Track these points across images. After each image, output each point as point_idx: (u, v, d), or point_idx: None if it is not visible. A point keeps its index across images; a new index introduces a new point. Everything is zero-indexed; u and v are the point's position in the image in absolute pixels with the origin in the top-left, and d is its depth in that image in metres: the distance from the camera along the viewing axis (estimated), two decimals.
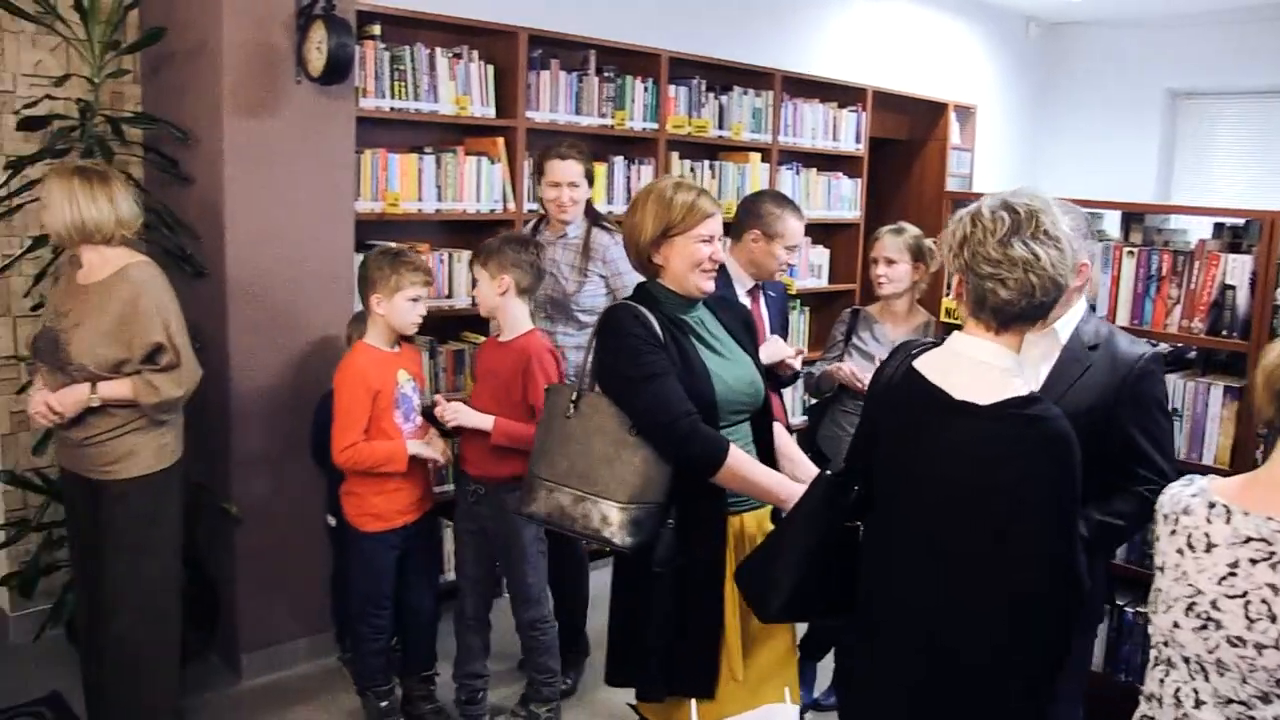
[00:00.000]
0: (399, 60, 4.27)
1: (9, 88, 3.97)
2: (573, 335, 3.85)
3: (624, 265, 3.81)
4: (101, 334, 3.09)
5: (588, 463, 2.56)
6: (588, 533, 2.56)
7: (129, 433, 3.18)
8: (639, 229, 2.63)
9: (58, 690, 3.83)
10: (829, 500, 2.25)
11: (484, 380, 3.49)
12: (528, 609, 3.54)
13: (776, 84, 5.74)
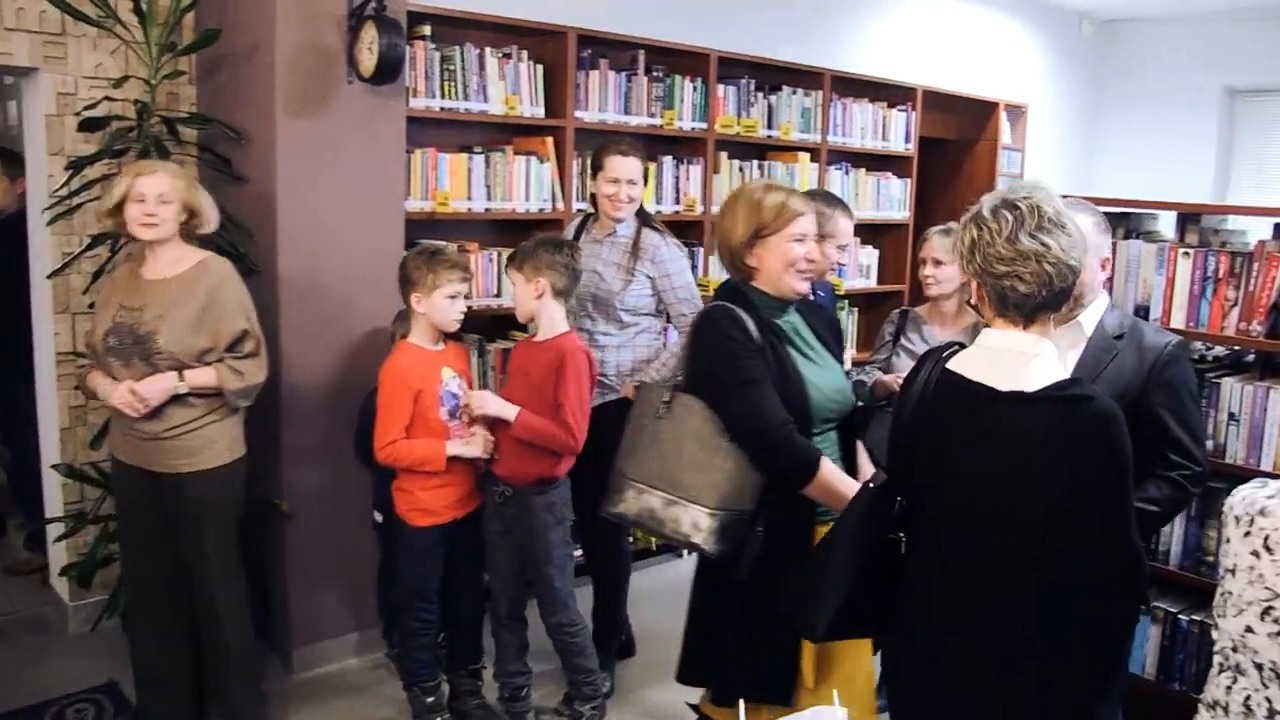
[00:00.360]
0: (449, 60, 4.30)
1: (70, 90, 4.04)
2: (614, 335, 3.85)
3: (673, 267, 3.81)
4: (188, 324, 3.18)
5: (679, 466, 2.56)
6: (677, 537, 2.58)
7: (208, 424, 3.26)
8: (731, 232, 2.62)
9: (114, 679, 3.90)
10: (873, 512, 2.23)
11: (515, 379, 3.49)
12: (554, 612, 3.52)
13: (826, 84, 5.71)
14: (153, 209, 3.15)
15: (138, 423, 3.19)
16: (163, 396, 3.16)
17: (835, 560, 2.23)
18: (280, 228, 3.77)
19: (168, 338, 3.16)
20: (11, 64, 3.95)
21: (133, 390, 3.12)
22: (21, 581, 4.72)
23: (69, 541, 4.15)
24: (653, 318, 3.89)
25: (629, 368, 3.83)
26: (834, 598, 2.21)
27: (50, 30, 3.96)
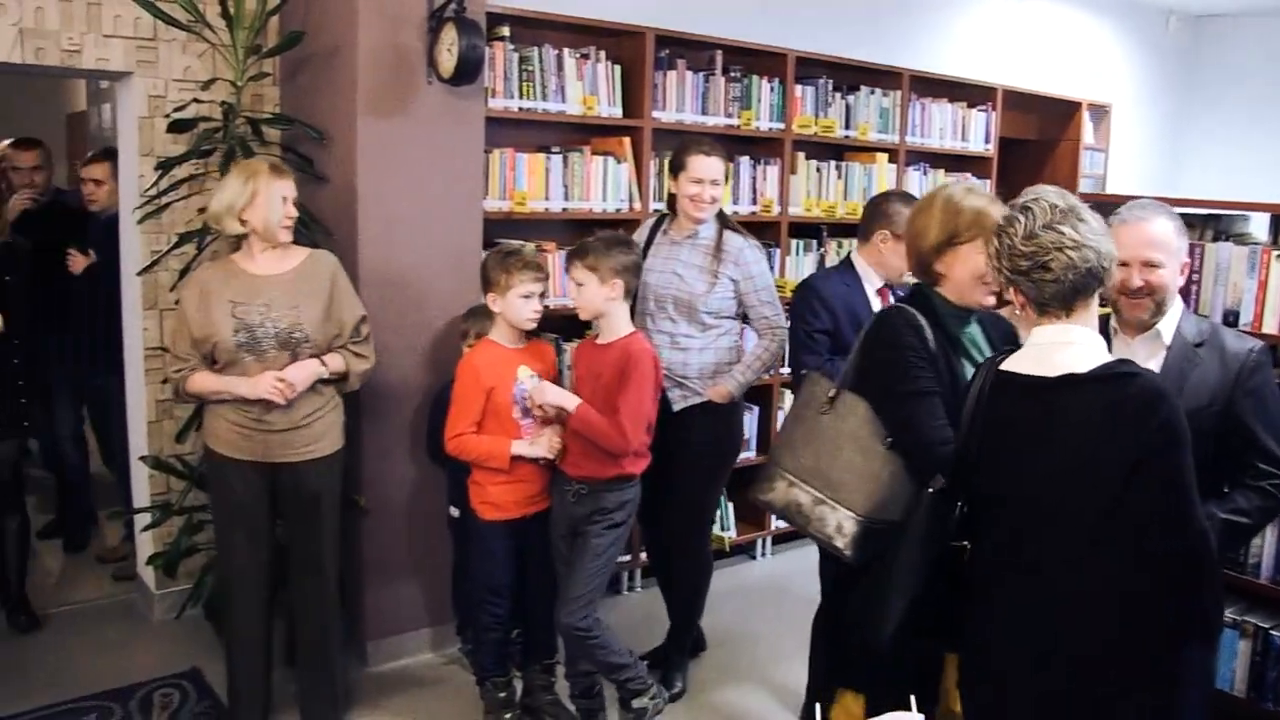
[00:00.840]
0: (527, 61, 4.34)
1: (160, 92, 4.15)
2: (696, 338, 3.81)
3: (756, 269, 3.79)
4: (321, 314, 3.32)
5: (833, 466, 2.54)
6: (819, 536, 2.57)
7: (329, 412, 3.42)
8: (923, 234, 2.56)
9: (197, 666, 4.00)
10: (935, 517, 2.20)
11: (586, 384, 3.43)
12: (571, 613, 3.37)
13: (904, 83, 5.65)
14: (292, 213, 3.31)
15: (268, 415, 3.28)
16: (309, 382, 3.29)
17: (899, 564, 2.22)
18: (360, 227, 3.83)
19: (311, 327, 3.29)
20: (108, 68, 4.07)
21: (280, 378, 3.22)
22: (112, 569, 4.86)
23: (155, 532, 4.26)
24: (733, 320, 3.87)
25: (710, 370, 3.81)
26: (898, 601, 2.20)
27: (143, 36, 4.08)
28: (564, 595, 3.42)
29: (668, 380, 3.75)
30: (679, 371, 3.75)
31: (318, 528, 3.46)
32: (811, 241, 5.39)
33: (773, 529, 5.37)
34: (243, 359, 3.26)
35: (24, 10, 3.83)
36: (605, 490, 3.39)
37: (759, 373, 3.90)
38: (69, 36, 3.94)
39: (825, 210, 5.39)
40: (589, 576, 3.39)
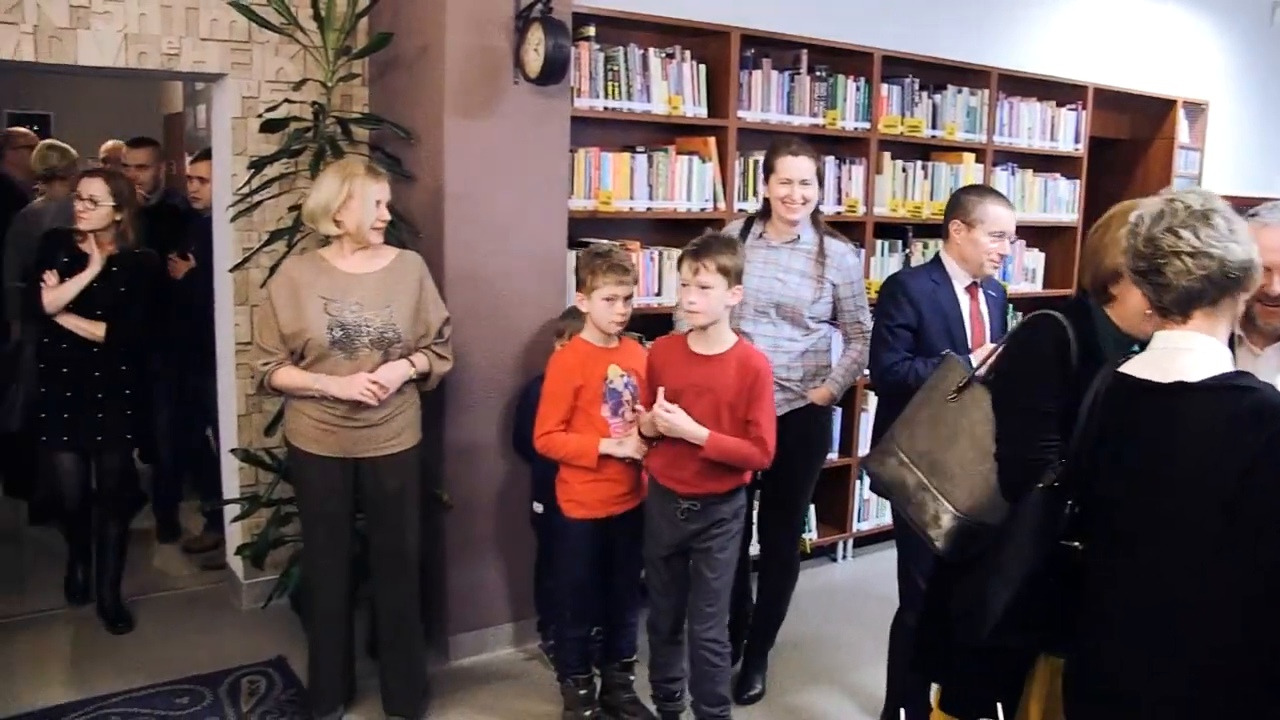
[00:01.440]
0: (613, 60, 4.34)
1: (253, 93, 4.24)
2: (799, 341, 3.77)
3: (855, 274, 3.78)
4: (410, 313, 3.39)
5: (945, 456, 2.53)
6: (915, 521, 2.58)
7: (409, 408, 3.49)
8: (1105, 253, 2.43)
9: (283, 654, 4.09)
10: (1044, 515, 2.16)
11: (694, 396, 3.24)
12: (712, 625, 3.36)
13: (992, 82, 5.56)
14: (385, 215, 3.37)
15: (354, 412, 3.34)
16: (399, 383, 3.36)
17: (1003, 562, 2.17)
18: (447, 226, 3.87)
19: (404, 326, 3.35)
20: (205, 71, 4.18)
21: (374, 380, 3.28)
22: (203, 558, 4.98)
23: (243, 523, 4.36)
24: (829, 324, 3.86)
25: (811, 373, 3.79)
26: (1001, 597, 2.15)
27: (238, 38, 4.17)
28: (703, 611, 3.36)
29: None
30: (782, 375, 3.71)
31: (398, 522, 3.51)
32: (897, 242, 5.32)
33: (854, 531, 5.33)
34: (334, 355, 3.31)
35: (128, 16, 3.95)
36: (720, 503, 3.32)
37: (855, 377, 3.89)
38: (169, 40, 4.04)
39: (911, 210, 5.33)
40: (722, 589, 3.36)
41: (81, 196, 4.04)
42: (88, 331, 4.05)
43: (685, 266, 3.23)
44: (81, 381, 4.10)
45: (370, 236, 3.35)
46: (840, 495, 5.26)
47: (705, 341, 3.28)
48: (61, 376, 4.10)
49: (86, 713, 3.65)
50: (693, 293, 3.19)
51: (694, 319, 3.23)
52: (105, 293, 4.08)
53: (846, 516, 5.27)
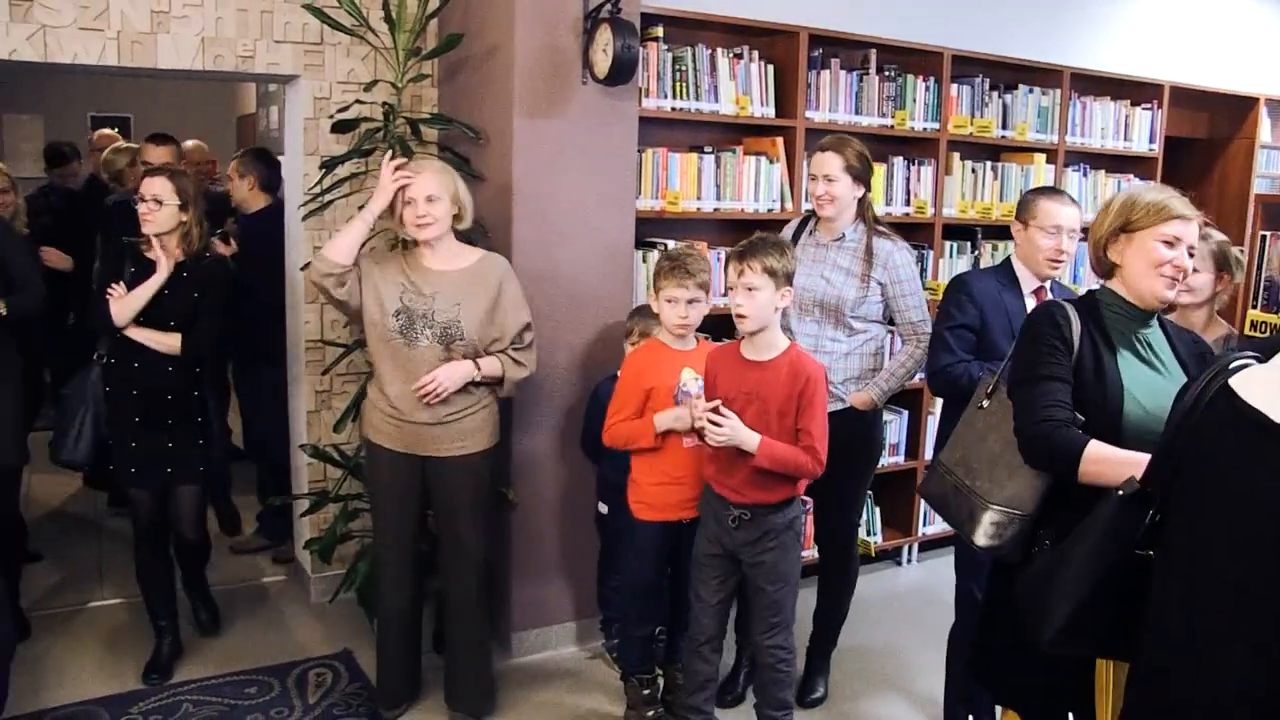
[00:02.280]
0: (680, 61, 4.34)
1: (325, 94, 4.31)
2: (842, 342, 3.73)
3: (905, 273, 3.70)
4: (483, 314, 3.39)
5: (977, 456, 2.56)
6: (956, 524, 2.60)
7: (479, 411, 3.47)
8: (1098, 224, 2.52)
9: (349, 648, 4.15)
10: (1118, 521, 2.10)
11: (744, 403, 3.14)
12: (777, 633, 3.27)
13: (1065, 81, 5.47)
14: (423, 210, 3.33)
15: (420, 410, 3.37)
16: (459, 383, 3.37)
17: (1070, 565, 2.11)
18: (516, 225, 3.89)
19: (469, 326, 3.36)
20: (278, 72, 4.25)
21: (435, 378, 3.32)
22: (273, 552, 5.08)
23: (312, 518, 4.42)
24: (880, 325, 3.80)
25: (854, 375, 3.74)
26: (1065, 604, 2.09)
27: (310, 41, 4.24)
28: (767, 620, 3.27)
29: None
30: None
31: (463, 521, 3.53)
32: (966, 244, 5.26)
33: (920, 535, 5.27)
34: (395, 340, 3.36)
35: (205, 20, 4.04)
36: (772, 513, 3.21)
37: (902, 379, 3.80)
38: (244, 43, 4.12)
39: (980, 212, 5.26)
40: (784, 599, 3.27)
41: (145, 197, 3.72)
42: (162, 343, 3.71)
43: (731, 268, 3.13)
44: (150, 406, 3.77)
45: (415, 234, 3.37)
46: (905, 499, 5.21)
47: (755, 347, 3.18)
48: (130, 400, 3.76)
49: (159, 699, 3.74)
50: (739, 295, 3.09)
51: (742, 324, 3.12)
52: (176, 301, 3.75)
53: (912, 520, 5.22)
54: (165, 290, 3.72)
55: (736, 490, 3.20)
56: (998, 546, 2.48)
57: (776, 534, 3.21)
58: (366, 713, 3.70)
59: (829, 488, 3.81)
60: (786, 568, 3.25)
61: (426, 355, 3.35)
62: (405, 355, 3.36)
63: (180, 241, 3.78)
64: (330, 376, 4.42)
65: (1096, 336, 2.46)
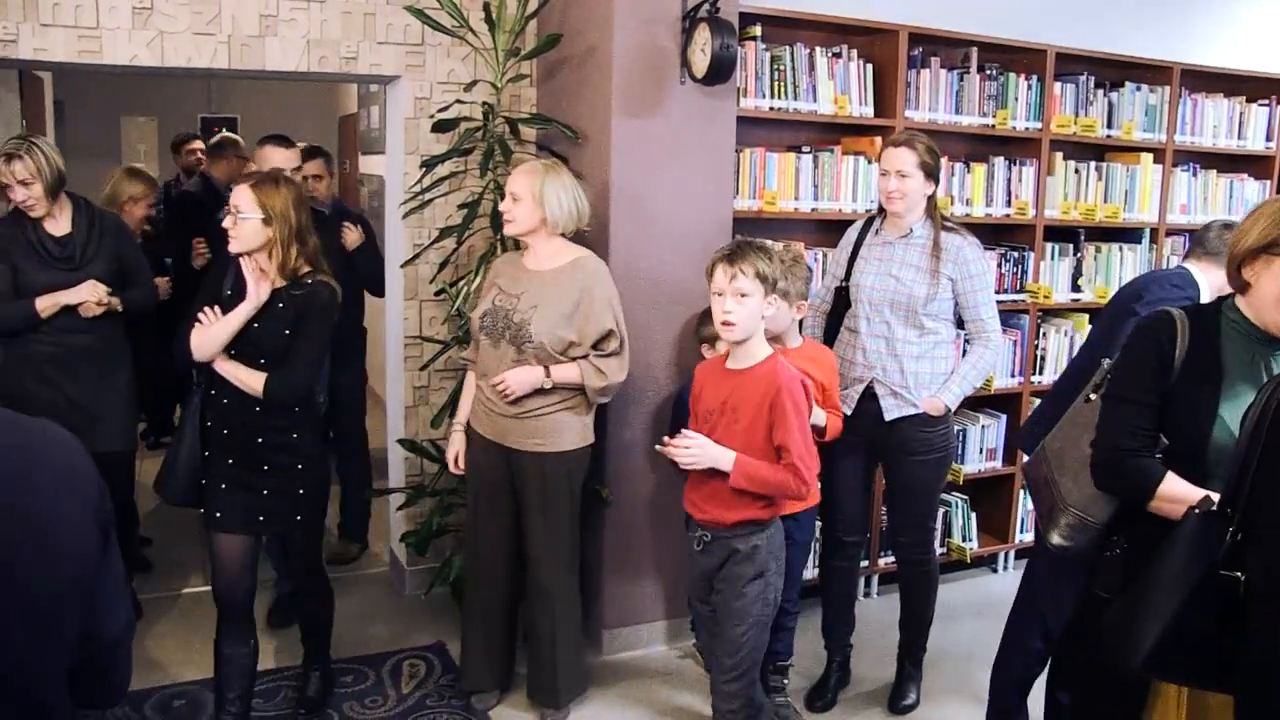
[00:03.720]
0: (779, 60, 4.32)
1: (426, 94, 4.38)
2: (914, 344, 3.64)
3: (975, 268, 3.62)
4: (559, 317, 3.40)
5: (1071, 453, 2.54)
6: (1038, 515, 2.64)
7: (561, 411, 3.48)
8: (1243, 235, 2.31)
9: (442, 640, 4.21)
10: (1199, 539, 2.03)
11: (720, 417, 2.96)
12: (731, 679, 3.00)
13: (1174, 78, 5.31)
14: (506, 207, 3.42)
15: (502, 401, 3.44)
16: (528, 389, 3.40)
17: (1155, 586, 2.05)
18: (613, 224, 3.91)
19: (539, 328, 3.38)
20: (380, 73, 4.34)
21: (504, 378, 3.38)
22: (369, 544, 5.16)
23: (407, 511, 4.49)
24: (950, 327, 3.72)
25: (926, 379, 3.66)
26: (1152, 627, 2.03)
27: (412, 42, 4.31)
28: (718, 660, 3.07)
29: (880, 387, 3.65)
30: (895, 379, 3.63)
31: (549, 518, 3.54)
32: (1068, 246, 5.14)
33: (1016, 542, 5.17)
34: (483, 340, 3.49)
35: (310, 23, 4.14)
36: (731, 537, 2.99)
37: (974, 383, 3.71)
38: (347, 45, 4.21)
39: (1084, 213, 5.14)
40: (741, 639, 3.00)
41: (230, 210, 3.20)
42: (243, 383, 3.16)
43: (719, 273, 2.90)
44: (240, 446, 3.24)
45: (506, 228, 3.50)
46: (1002, 505, 5.11)
47: (737, 356, 2.99)
48: (222, 439, 3.26)
49: (260, 683, 3.80)
50: (728, 302, 2.87)
51: (729, 333, 2.90)
52: (264, 333, 3.19)
53: (1008, 527, 5.12)
54: (254, 321, 3.18)
55: (699, 506, 3.02)
56: (1068, 547, 2.48)
57: (737, 559, 2.98)
58: (458, 704, 3.75)
59: (902, 492, 3.79)
60: (746, 604, 2.98)
61: (503, 355, 3.42)
62: (490, 353, 3.47)
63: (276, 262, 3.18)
64: (428, 372, 4.48)
65: (1206, 355, 2.32)
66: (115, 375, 3.95)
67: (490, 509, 3.61)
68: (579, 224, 3.51)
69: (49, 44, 3.83)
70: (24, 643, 1.26)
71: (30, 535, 1.27)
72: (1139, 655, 2.06)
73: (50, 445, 1.37)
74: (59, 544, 1.32)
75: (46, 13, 3.80)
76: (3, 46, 3.78)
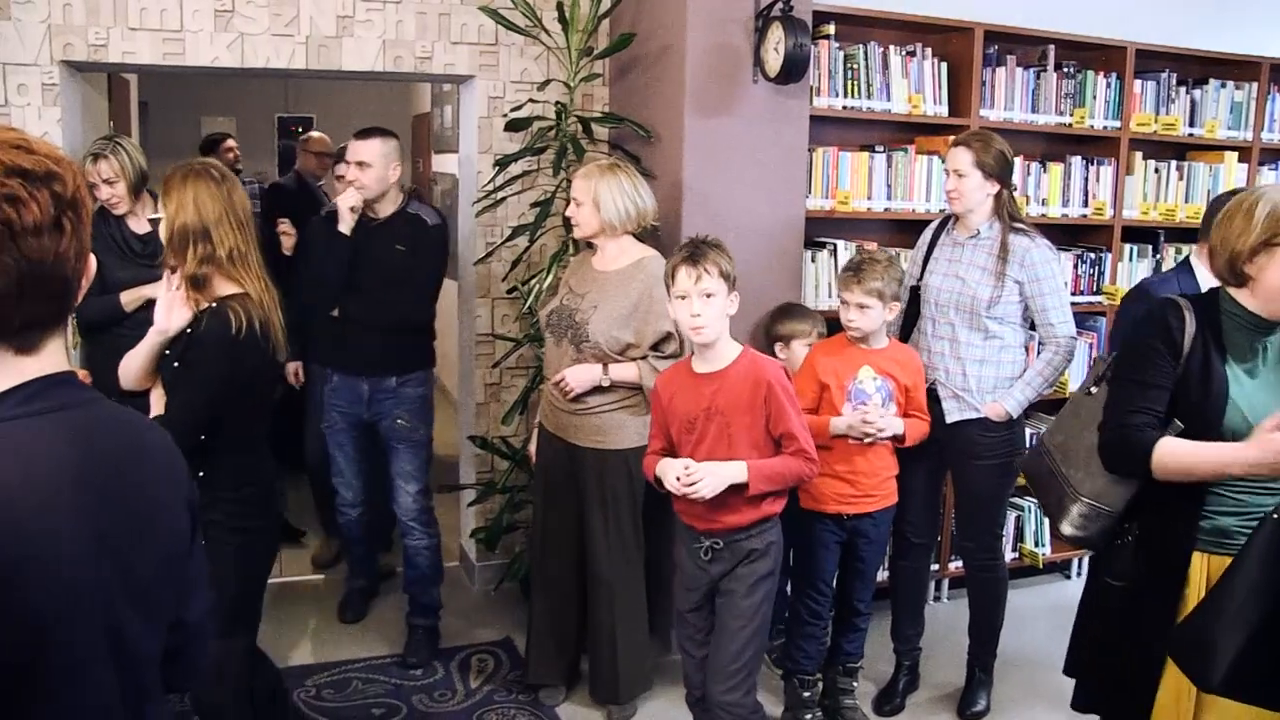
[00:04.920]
0: (852, 59, 4.29)
1: (499, 94, 4.42)
2: (977, 347, 3.59)
3: (1043, 270, 3.54)
4: (617, 318, 3.42)
5: (1076, 445, 2.55)
6: (1045, 508, 2.65)
7: (621, 409, 3.50)
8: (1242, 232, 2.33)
9: (510, 636, 4.25)
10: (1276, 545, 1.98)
11: (706, 422, 2.87)
12: (730, 687, 2.92)
13: (1262, 74, 5.17)
14: (572, 211, 3.51)
15: (562, 396, 3.50)
16: (585, 387, 3.44)
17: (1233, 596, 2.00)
18: (685, 223, 3.90)
19: (596, 328, 3.41)
20: (454, 73, 4.38)
21: (563, 375, 3.42)
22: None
23: (478, 507, 4.54)
24: (1018, 330, 3.65)
25: (990, 384, 3.60)
26: (1234, 636, 1.97)
27: (485, 41, 4.36)
28: (720, 667, 2.95)
29: (943, 389, 3.61)
30: (958, 382, 3.58)
31: (609, 514, 3.56)
32: (1147, 247, 5.04)
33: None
34: (549, 338, 3.58)
35: (386, 24, 4.20)
36: (745, 539, 2.93)
37: (1040, 389, 3.62)
38: (422, 45, 4.27)
39: (1164, 214, 5.03)
40: (748, 640, 2.95)
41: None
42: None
43: (683, 275, 2.83)
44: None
45: (574, 231, 3.56)
46: None
47: (707, 359, 2.91)
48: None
49: (330, 674, 3.91)
50: (695, 304, 2.80)
51: (701, 335, 2.84)
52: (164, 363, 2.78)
53: None
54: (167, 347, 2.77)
55: (704, 517, 2.91)
56: (1083, 537, 2.50)
57: (753, 558, 2.93)
58: (526, 699, 3.78)
59: (967, 497, 3.75)
60: (756, 601, 2.93)
61: (564, 353, 3.48)
62: (553, 351, 3.55)
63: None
64: (500, 369, 4.52)
65: (1210, 342, 2.35)
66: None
67: (555, 504, 3.64)
68: (641, 223, 3.52)
69: (136, 47, 3.93)
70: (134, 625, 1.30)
71: (139, 519, 1.32)
72: (1216, 675, 2.01)
73: (150, 431, 1.42)
74: (161, 528, 1.37)
75: (134, 17, 3.90)
76: (94, 50, 3.89)
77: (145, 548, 1.33)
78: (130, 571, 1.29)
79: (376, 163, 3.84)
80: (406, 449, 4.02)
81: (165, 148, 6.65)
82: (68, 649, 1.21)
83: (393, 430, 4.01)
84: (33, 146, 1.23)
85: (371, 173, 3.85)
